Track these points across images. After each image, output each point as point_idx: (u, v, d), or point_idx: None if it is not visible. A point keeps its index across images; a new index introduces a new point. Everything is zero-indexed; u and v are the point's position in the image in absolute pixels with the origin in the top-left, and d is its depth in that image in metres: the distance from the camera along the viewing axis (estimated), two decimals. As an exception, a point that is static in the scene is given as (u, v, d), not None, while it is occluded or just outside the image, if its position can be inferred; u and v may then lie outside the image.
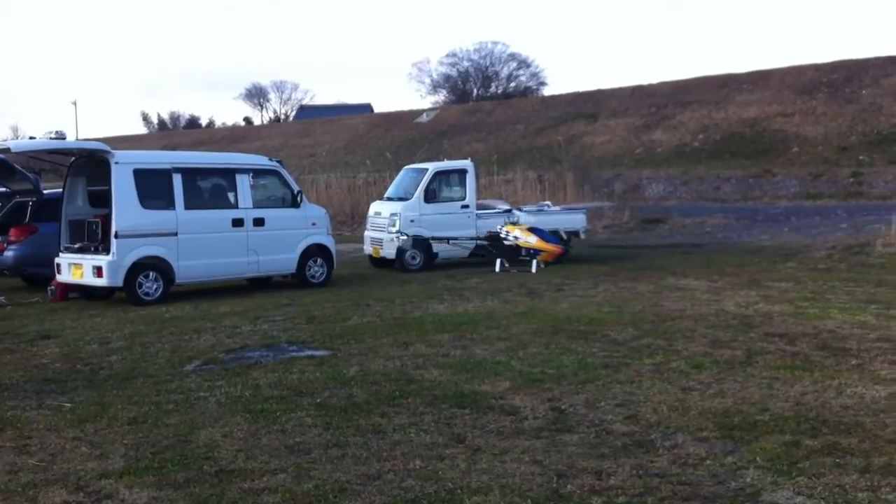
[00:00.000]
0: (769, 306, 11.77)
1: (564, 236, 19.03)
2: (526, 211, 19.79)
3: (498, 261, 18.05)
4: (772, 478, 5.36)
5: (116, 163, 13.54)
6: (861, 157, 29.65)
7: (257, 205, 15.01)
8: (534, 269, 17.47)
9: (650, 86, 44.75)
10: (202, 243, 14.15)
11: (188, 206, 14.08)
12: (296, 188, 15.59)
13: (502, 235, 18.17)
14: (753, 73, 41.33)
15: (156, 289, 13.81)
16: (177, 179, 14.05)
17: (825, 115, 34.07)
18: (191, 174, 14.51)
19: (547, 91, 68.83)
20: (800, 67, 40.14)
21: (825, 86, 36.84)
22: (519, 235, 18.04)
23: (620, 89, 45.51)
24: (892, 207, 19.49)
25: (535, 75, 73.22)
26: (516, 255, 18.04)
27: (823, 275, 15.32)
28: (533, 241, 17.99)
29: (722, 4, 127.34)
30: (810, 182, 28.67)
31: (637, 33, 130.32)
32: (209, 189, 15.06)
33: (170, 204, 13.96)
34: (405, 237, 17.99)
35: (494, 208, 19.76)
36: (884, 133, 31.25)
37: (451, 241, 18.54)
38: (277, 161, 16.07)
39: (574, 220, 19.81)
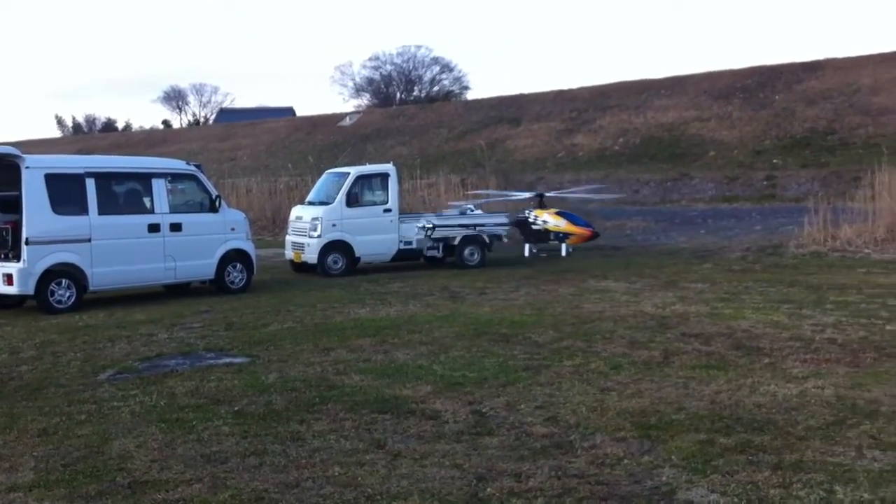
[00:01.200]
0: (686, 307, 12.00)
1: (487, 240, 18.97)
2: (446, 215, 19.80)
3: (527, 245, 17.99)
4: (687, 476, 5.44)
5: (27, 167, 13.19)
6: (775, 161, 30.35)
7: (174, 210, 14.75)
8: (563, 253, 17.43)
9: (571, 91, 45.19)
10: (117, 249, 13.86)
11: (102, 212, 13.77)
12: (214, 192, 15.38)
13: (531, 220, 18.14)
14: (671, 79, 42.03)
15: (69, 296, 13.47)
16: (90, 184, 13.73)
17: (740, 120, 34.81)
18: (105, 179, 14.18)
19: (470, 95, 69.03)
20: (716, 73, 40.97)
21: (740, 91, 37.65)
22: (548, 219, 18.04)
23: (543, 94, 45.86)
24: (805, 210, 19.99)
25: (458, 79, 73.42)
26: (545, 240, 17.99)
27: (738, 276, 15.68)
28: (562, 224, 18.02)
29: (640, 11, 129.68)
30: (726, 185, 29.25)
31: (558, 39, 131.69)
32: (124, 194, 14.74)
33: (83, 209, 13.63)
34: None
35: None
36: (797, 137, 32.06)
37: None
38: (195, 165, 15.83)
39: (497, 225, 19.84)
